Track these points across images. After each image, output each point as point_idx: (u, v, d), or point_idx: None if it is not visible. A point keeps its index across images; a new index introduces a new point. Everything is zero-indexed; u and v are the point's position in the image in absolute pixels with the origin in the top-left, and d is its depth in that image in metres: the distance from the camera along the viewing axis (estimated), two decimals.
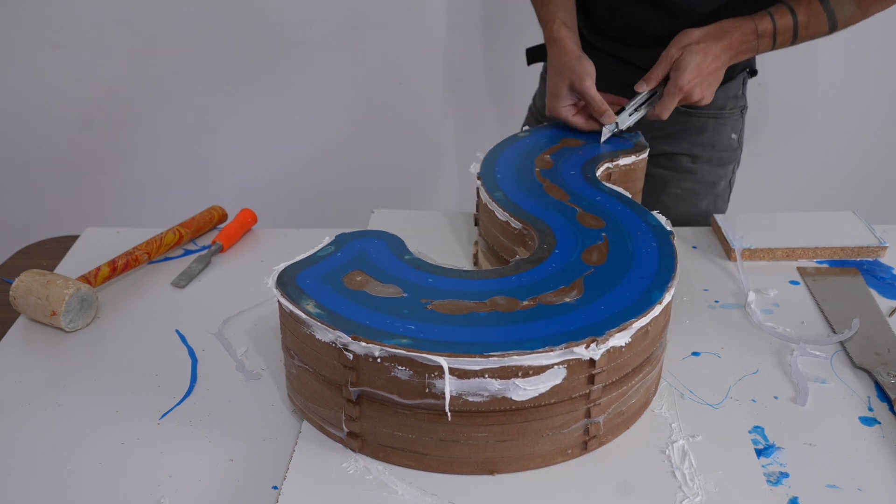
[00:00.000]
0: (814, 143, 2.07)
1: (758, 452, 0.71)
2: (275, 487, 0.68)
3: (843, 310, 0.91)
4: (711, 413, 0.75)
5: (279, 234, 1.09)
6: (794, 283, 0.97)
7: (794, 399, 0.78)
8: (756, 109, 2.02)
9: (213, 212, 1.09)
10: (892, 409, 0.76)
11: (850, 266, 1.00)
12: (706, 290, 0.95)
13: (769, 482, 0.68)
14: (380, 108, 1.95)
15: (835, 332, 0.87)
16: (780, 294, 0.95)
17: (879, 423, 0.75)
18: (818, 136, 2.06)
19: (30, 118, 1.99)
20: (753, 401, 0.77)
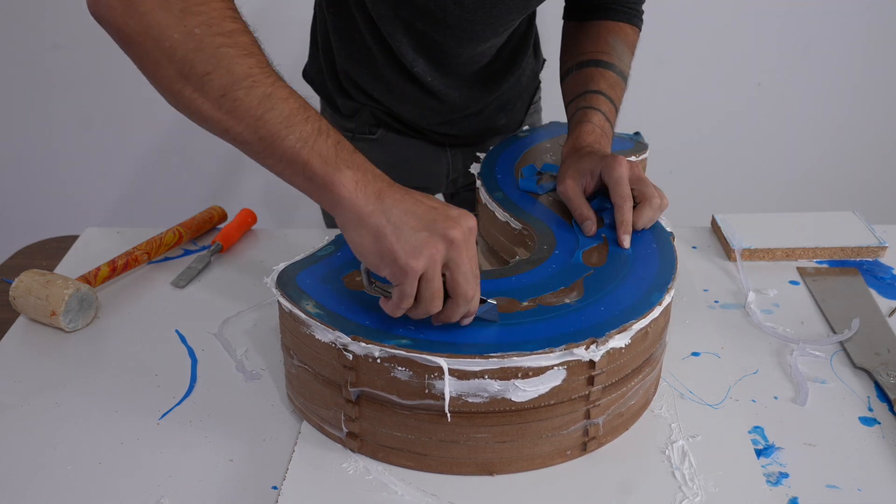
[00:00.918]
0: (814, 143, 2.07)
1: (757, 452, 0.71)
2: (275, 487, 0.68)
3: (843, 310, 0.91)
4: (711, 413, 0.75)
5: (279, 234, 1.09)
6: (794, 283, 0.97)
7: (794, 399, 0.78)
8: (756, 109, 2.03)
9: (213, 212, 1.09)
10: (892, 410, 0.76)
11: (850, 266, 1.00)
12: (706, 290, 0.95)
13: (769, 482, 0.68)
14: None
15: (834, 333, 0.87)
16: (780, 294, 0.95)
17: (879, 424, 0.75)
18: (818, 136, 2.06)
19: (30, 118, 1.99)
20: (753, 401, 0.77)
